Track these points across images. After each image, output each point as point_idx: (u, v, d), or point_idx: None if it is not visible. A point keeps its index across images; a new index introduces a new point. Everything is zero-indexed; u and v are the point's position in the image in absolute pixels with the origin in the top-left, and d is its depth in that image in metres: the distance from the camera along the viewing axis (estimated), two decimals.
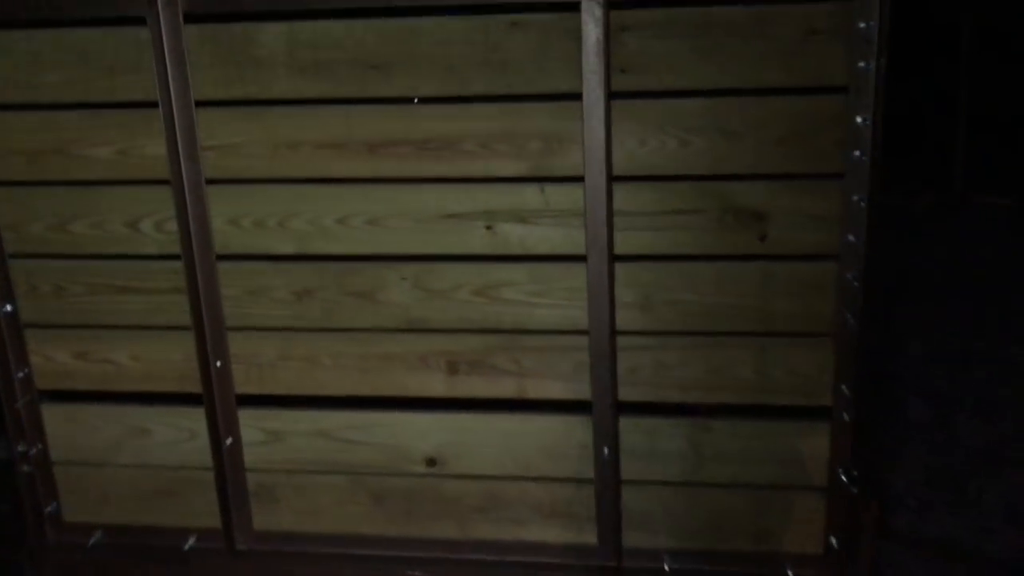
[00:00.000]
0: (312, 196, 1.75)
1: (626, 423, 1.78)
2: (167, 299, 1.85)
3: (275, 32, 1.67)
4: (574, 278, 1.72)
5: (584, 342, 1.75)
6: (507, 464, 1.85)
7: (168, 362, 1.89)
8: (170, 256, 1.82)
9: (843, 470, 1.72)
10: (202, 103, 1.71)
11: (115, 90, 1.74)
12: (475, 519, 1.89)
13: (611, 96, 1.60)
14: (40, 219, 1.84)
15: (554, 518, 1.86)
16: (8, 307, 1.89)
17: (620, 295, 1.71)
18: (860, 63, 1.53)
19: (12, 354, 1.91)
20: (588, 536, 1.85)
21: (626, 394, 1.76)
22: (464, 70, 1.64)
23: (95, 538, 2.01)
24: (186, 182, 1.74)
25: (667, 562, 1.83)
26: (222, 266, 1.81)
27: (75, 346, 1.92)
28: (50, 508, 2.01)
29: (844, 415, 1.70)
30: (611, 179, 1.64)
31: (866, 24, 1.51)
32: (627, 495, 1.82)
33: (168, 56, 1.68)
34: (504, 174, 1.69)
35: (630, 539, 1.84)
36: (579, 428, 1.80)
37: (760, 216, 1.64)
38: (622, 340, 1.74)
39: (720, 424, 1.76)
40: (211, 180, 1.76)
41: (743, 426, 1.76)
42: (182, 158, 1.73)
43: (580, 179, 1.66)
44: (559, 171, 1.67)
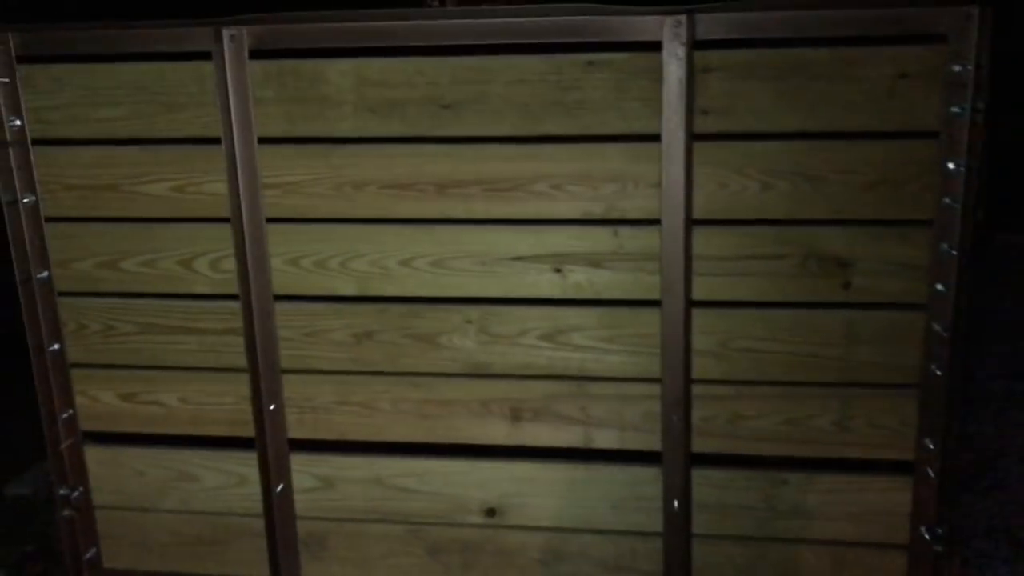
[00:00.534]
0: (376, 236, 1.70)
1: (697, 475, 1.71)
2: (220, 340, 1.79)
3: (342, 69, 1.63)
4: (646, 324, 1.67)
5: (655, 390, 1.69)
6: (570, 516, 1.78)
7: (218, 405, 1.83)
8: (225, 296, 1.77)
9: (926, 527, 1.66)
10: (265, 140, 1.67)
11: (173, 125, 1.70)
12: (536, 573, 1.81)
13: (692, 138, 1.55)
14: (91, 256, 1.79)
15: (619, 573, 1.79)
16: (55, 346, 1.83)
17: (695, 342, 1.65)
18: (953, 108, 1.48)
19: (57, 395, 1.85)
20: None
21: (700, 445, 1.70)
22: (537, 110, 1.59)
23: None
24: (246, 220, 1.69)
25: None
26: (280, 307, 1.75)
27: (122, 387, 1.86)
28: (90, 554, 1.94)
29: (928, 470, 1.63)
30: (690, 222, 1.59)
31: (961, 67, 1.46)
32: (696, 550, 1.75)
33: (232, 92, 1.64)
34: (576, 216, 1.64)
35: None
36: (647, 479, 1.73)
37: (844, 263, 1.59)
38: (696, 388, 1.67)
39: (796, 477, 1.70)
40: (272, 219, 1.71)
41: (821, 479, 1.69)
42: (243, 196, 1.68)
43: (655, 222, 1.61)
44: (633, 214, 1.62)
